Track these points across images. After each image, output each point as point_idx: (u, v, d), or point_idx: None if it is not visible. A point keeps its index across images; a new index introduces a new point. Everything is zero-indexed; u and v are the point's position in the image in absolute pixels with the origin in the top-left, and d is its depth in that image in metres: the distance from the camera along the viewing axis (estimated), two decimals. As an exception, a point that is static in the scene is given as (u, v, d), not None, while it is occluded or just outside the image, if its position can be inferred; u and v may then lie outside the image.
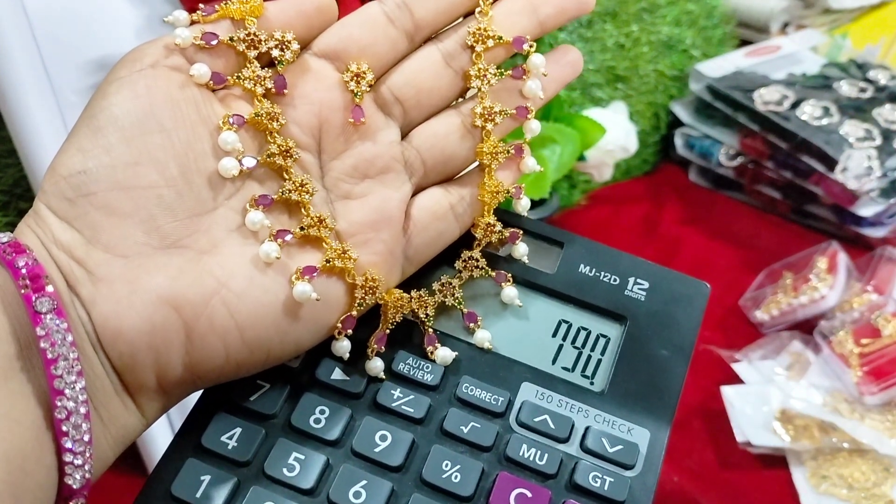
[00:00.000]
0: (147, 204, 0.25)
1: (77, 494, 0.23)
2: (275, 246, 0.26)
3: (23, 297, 0.22)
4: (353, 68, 0.28)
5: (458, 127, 0.29)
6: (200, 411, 0.27)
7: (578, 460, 0.27)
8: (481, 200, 0.30)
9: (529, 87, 0.30)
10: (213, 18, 0.27)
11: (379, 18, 0.28)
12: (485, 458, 0.27)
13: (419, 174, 0.29)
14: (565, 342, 0.30)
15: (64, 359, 0.22)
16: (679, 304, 0.30)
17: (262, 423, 0.27)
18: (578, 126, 0.56)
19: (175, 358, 0.25)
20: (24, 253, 0.23)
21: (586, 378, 0.29)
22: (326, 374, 0.28)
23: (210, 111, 0.27)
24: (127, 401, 0.25)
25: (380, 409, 0.27)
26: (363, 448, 0.26)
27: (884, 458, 0.48)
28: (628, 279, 0.31)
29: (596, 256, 0.31)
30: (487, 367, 0.29)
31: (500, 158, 0.30)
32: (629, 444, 0.27)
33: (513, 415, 0.28)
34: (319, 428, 0.26)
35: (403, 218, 0.29)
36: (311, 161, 0.28)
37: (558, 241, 0.32)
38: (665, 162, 0.78)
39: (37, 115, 0.44)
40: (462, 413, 0.27)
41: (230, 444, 0.26)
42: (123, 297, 0.24)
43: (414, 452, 0.26)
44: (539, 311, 0.30)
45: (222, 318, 0.25)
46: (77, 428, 0.22)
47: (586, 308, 0.30)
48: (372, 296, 0.27)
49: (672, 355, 0.29)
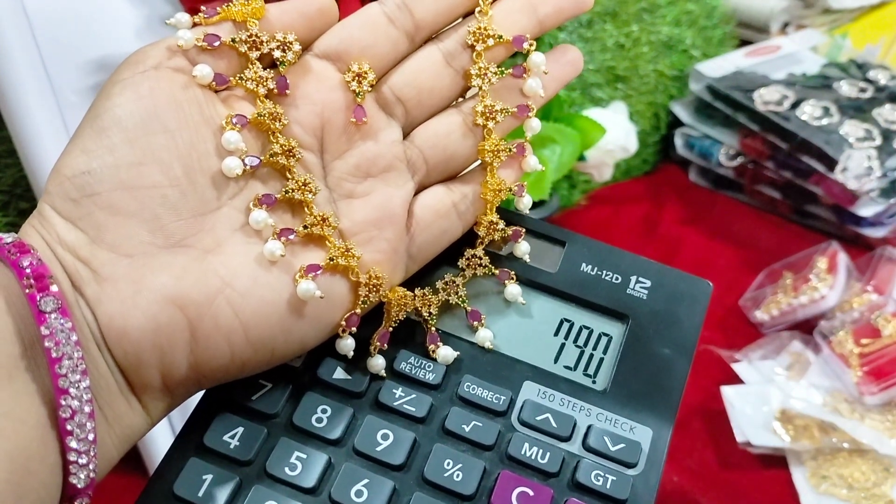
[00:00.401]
0: (151, 203, 0.25)
1: (81, 494, 0.23)
2: (278, 244, 0.26)
3: (27, 296, 0.22)
4: (355, 68, 0.28)
5: (460, 125, 0.30)
6: (202, 411, 0.27)
7: (580, 459, 0.27)
8: (484, 199, 0.30)
9: (530, 85, 0.30)
10: (214, 20, 0.27)
11: (379, 19, 0.29)
12: (486, 457, 0.27)
13: (421, 173, 0.29)
14: (567, 341, 0.30)
15: (68, 358, 0.22)
16: (681, 302, 0.30)
17: (264, 422, 0.27)
18: (578, 126, 0.56)
19: (180, 357, 0.25)
20: (29, 253, 0.23)
21: (588, 377, 0.29)
22: (328, 373, 0.28)
23: (213, 111, 0.27)
24: (132, 400, 0.25)
25: (382, 408, 0.27)
26: (365, 447, 0.26)
27: (884, 458, 0.48)
28: (630, 278, 0.31)
29: (598, 255, 0.31)
30: (489, 366, 0.29)
31: (502, 156, 0.30)
32: (631, 443, 0.27)
33: (515, 413, 0.28)
34: (321, 427, 0.26)
35: (406, 216, 0.29)
36: (314, 161, 0.28)
37: (560, 240, 0.32)
38: (665, 162, 0.78)
39: (37, 115, 0.44)
40: (464, 412, 0.27)
41: (232, 444, 0.26)
42: (128, 297, 0.24)
43: (416, 451, 0.26)
44: (541, 309, 0.30)
45: (227, 317, 0.25)
46: (81, 427, 0.22)
47: (588, 307, 0.30)
48: (376, 293, 0.28)
49: (674, 354, 0.29)
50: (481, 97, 0.29)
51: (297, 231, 0.27)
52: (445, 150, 0.29)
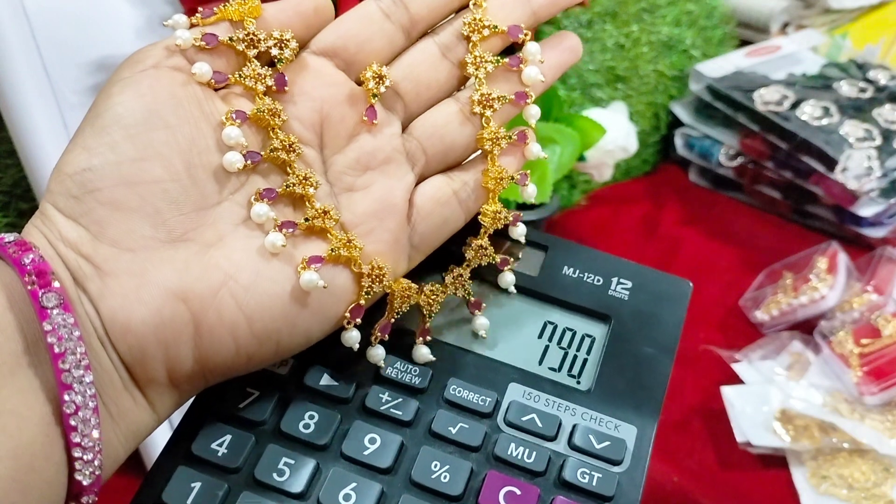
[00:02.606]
0: (153, 198, 0.25)
1: (87, 491, 0.23)
2: (280, 236, 0.26)
3: (29, 293, 0.22)
4: (375, 68, 0.28)
5: (457, 114, 0.30)
6: (191, 420, 0.27)
7: (566, 457, 0.27)
8: (486, 188, 0.30)
9: (528, 73, 0.30)
10: (212, 20, 0.28)
11: (375, 14, 0.29)
12: (473, 458, 0.27)
13: (421, 164, 0.30)
14: (551, 343, 0.30)
15: (71, 353, 0.22)
16: (662, 302, 0.31)
17: (251, 429, 0.27)
18: (578, 126, 0.56)
19: (184, 351, 0.25)
20: (30, 250, 0.23)
21: (573, 377, 0.29)
22: (315, 380, 0.28)
23: (213, 108, 0.27)
24: (137, 396, 0.25)
25: (368, 412, 0.27)
26: (352, 451, 0.26)
27: (884, 458, 0.48)
28: (611, 279, 0.31)
29: (579, 258, 0.32)
30: (475, 369, 0.29)
31: (503, 144, 0.30)
32: (616, 441, 0.27)
33: (500, 415, 0.28)
34: (309, 433, 0.27)
35: (407, 206, 0.29)
36: (314, 156, 0.28)
37: (542, 244, 0.32)
38: (665, 162, 0.78)
39: (37, 115, 0.44)
40: (450, 414, 0.27)
41: (220, 451, 0.26)
42: (131, 291, 0.24)
43: (403, 454, 0.27)
44: (525, 313, 0.31)
45: (230, 309, 0.25)
46: (86, 423, 0.22)
47: (571, 309, 0.31)
48: (379, 284, 0.28)
49: (657, 353, 0.30)
50: (478, 86, 0.30)
51: (298, 224, 0.27)
52: (443, 139, 0.30)
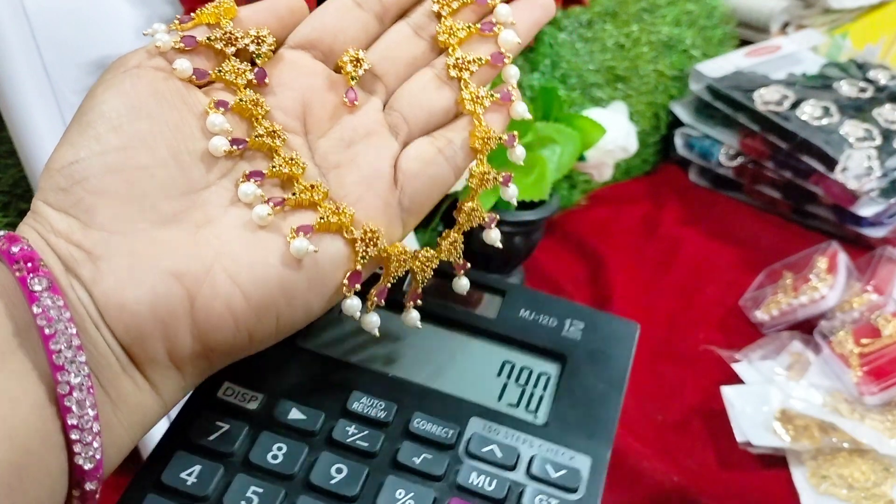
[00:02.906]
0: (140, 183, 0.25)
1: (90, 477, 0.23)
2: (266, 207, 0.27)
3: (18, 279, 0.23)
4: (352, 52, 0.29)
5: (433, 79, 0.31)
6: (161, 450, 0.28)
7: (525, 486, 0.28)
8: (473, 147, 0.30)
9: (504, 37, 0.31)
10: (189, 25, 0.28)
11: (347, 3, 0.30)
12: (437, 487, 0.28)
13: (404, 133, 0.30)
14: (510, 381, 0.32)
15: (62, 334, 0.22)
16: (612, 342, 0.33)
17: (220, 460, 0.27)
18: (578, 126, 0.56)
19: (183, 328, 0.25)
20: (19, 241, 0.23)
21: (531, 412, 0.31)
22: (284, 414, 0.29)
23: (195, 99, 0.27)
24: (139, 379, 0.25)
25: (335, 444, 0.28)
26: (319, 480, 0.27)
27: (884, 458, 0.48)
28: (565, 321, 0.34)
29: (534, 302, 0.34)
30: (438, 405, 0.30)
31: (485, 103, 0.30)
32: (572, 470, 0.28)
33: (462, 446, 0.29)
34: (277, 463, 0.27)
35: (393, 171, 0.29)
36: (300, 142, 0.29)
37: (500, 289, 0.34)
38: (665, 162, 0.78)
39: (37, 115, 0.44)
40: (414, 446, 0.28)
41: (189, 481, 0.27)
42: (124, 271, 0.24)
43: (368, 483, 0.27)
44: (484, 353, 0.33)
45: (224, 284, 0.25)
46: (80, 404, 0.22)
47: (528, 349, 0.33)
48: (374, 247, 0.28)
49: (608, 388, 0.32)
50: (451, 51, 0.30)
51: (286, 199, 0.27)
52: (423, 106, 0.30)
